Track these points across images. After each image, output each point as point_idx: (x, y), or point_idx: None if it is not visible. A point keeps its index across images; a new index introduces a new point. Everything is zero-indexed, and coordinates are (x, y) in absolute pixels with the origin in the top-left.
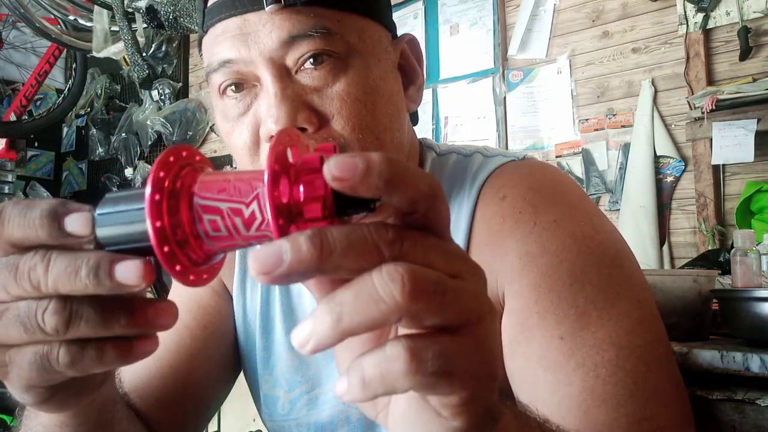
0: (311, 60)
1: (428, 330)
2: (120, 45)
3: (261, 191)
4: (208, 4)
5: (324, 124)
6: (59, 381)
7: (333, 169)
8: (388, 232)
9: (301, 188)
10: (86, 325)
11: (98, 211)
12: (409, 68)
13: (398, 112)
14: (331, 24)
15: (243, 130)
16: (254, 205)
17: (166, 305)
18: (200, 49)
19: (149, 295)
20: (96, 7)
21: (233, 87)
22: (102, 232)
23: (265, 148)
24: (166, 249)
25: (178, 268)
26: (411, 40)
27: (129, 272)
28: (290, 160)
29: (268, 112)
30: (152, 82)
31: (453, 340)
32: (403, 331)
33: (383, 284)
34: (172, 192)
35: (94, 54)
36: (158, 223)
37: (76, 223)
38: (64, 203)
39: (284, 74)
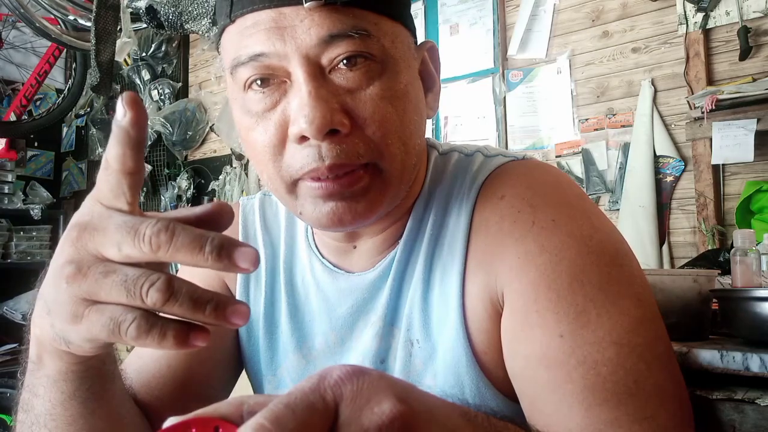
0: (345, 61)
1: None
2: (123, 42)
3: None
4: None
5: (356, 127)
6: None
7: None
8: None
9: None
10: (180, 306)
11: None
12: (428, 75)
13: (421, 118)
14: (369, 26)
15: (269, 126)
16: None
17: (243, 307)
18: (218, 41)
19: None
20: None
21: (259, 81)
22: None
23: (292, 148)
24: None
25: None
26: (432, 48)
27: (246, 256)
28: None
29: (300, 111)
30: (107, 91)
31: None
32: None
33: None
34: None
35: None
36: None
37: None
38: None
39: (318, 73)
